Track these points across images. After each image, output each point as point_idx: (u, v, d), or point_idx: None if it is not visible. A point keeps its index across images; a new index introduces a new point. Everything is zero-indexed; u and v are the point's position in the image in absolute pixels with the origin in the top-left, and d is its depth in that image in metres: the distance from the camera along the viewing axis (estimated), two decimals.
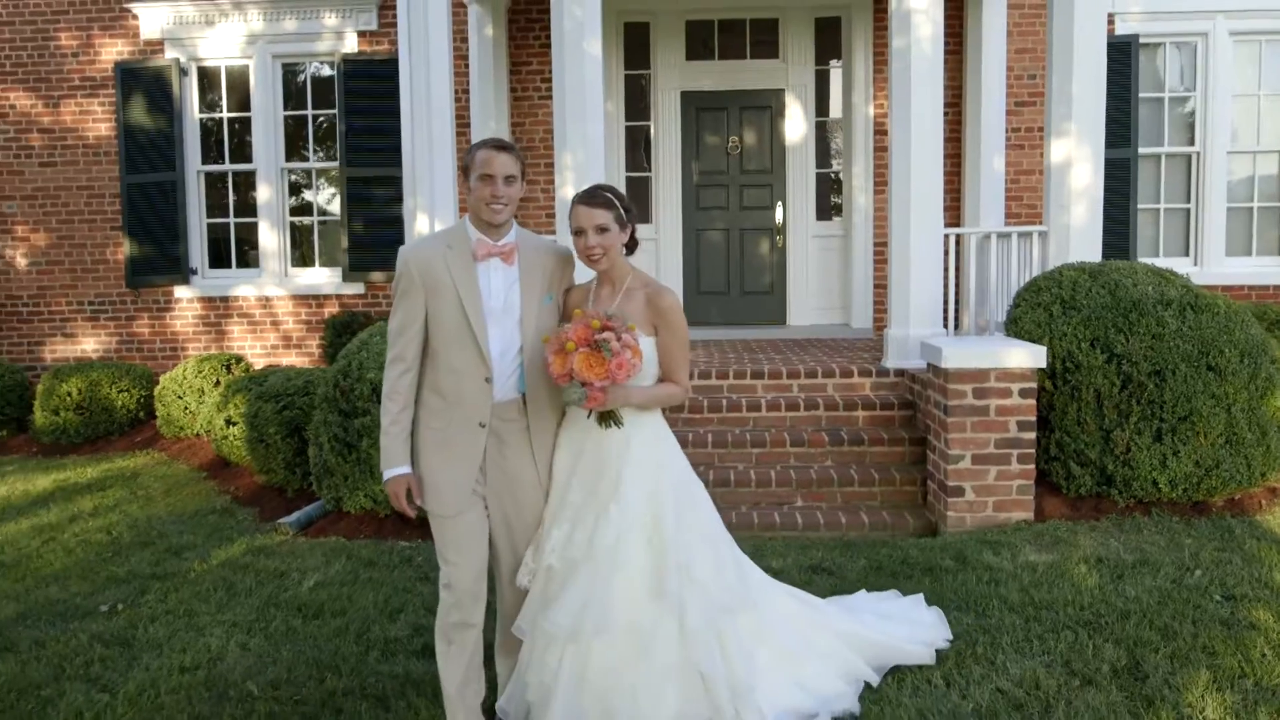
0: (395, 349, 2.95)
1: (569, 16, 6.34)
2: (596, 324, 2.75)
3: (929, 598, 3.97)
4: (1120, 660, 3.37)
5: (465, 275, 2.90)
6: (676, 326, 2.97)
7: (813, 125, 9.13)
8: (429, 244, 2.99)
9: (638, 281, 3.03)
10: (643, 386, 2.94)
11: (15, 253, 9.39)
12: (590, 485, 2.97)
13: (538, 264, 3.02)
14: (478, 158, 2.89)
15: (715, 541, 3.08)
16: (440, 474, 2.95)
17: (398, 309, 2.94)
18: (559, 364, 2.76)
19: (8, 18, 9.17)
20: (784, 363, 6.58)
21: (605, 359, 2.70)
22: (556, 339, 2.80)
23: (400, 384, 2.93)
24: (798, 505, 5.56)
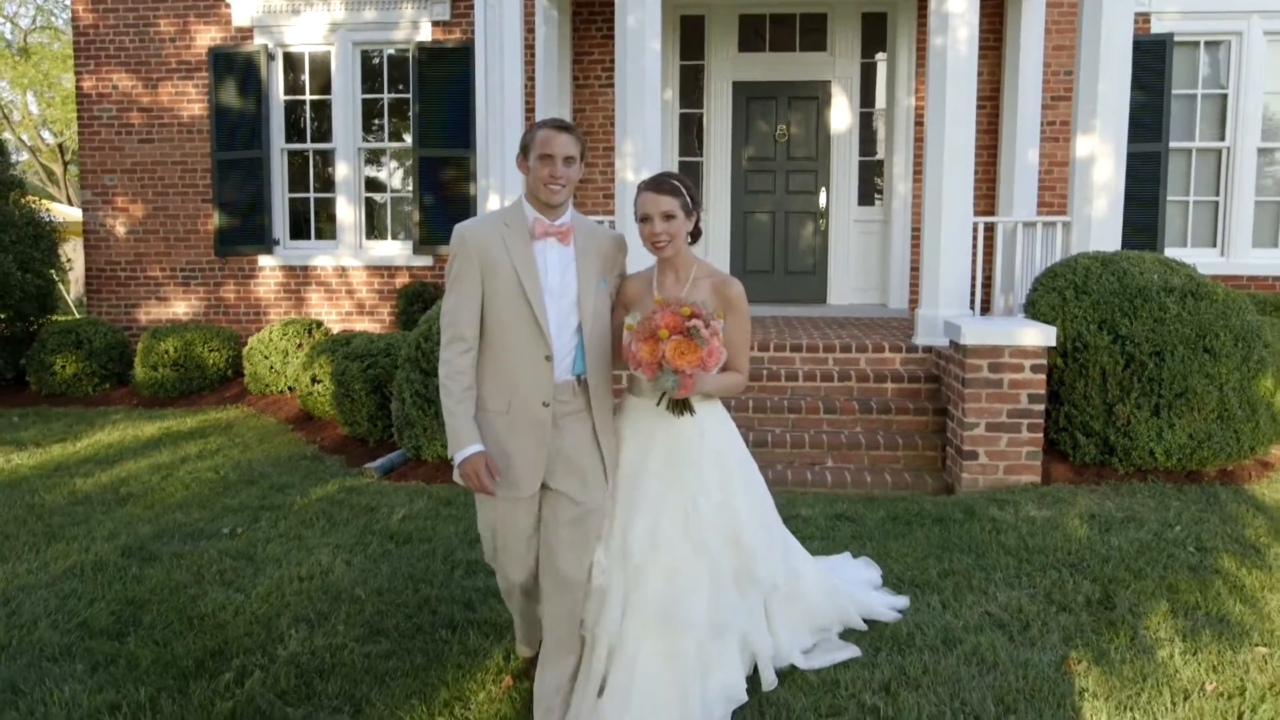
0: (453, 328, 2.91)
1: (631, 16, 6.92)
2: (687, 311, 2.74)
3: (936, 545, 4.58)
4: (1095, 594, 3.95)
5: (523, 253, 2.89)
6: (742, 315, 3.00)
7: (857, 115, 9.63)
8: (486, 222, 2.97)
9: (703, 270, 3.05)
10: (714, 375, 2.93)
11: (115, 222, 10.22)
12: (668, 477, 2.98)
13: (593, 247, 3.01)
14: (538, 137, 2.89)
15: (770, 524, 3.22)
16: (513, 454, 2.93)
17: (454, 287, 2.92)
18: (648, 351, 2.75)
19: (112, 5, 9.96)
20: (821, 338, 7.14)
21: (698, 346, 2.70)
22: (645, 326, 2.77)
23: (462, 363, 2.90)
24: (828, 465, 6.16)
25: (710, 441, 3.01)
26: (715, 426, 3.06)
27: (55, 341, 9.10)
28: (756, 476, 3.22)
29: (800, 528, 4.87)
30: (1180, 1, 8.95)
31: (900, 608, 3.83)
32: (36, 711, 3.18)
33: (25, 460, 6.79)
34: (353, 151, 9.95)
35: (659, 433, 3.00)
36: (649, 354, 2.75)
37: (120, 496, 5.82)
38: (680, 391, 2.80)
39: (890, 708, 3.09)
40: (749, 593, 3.08)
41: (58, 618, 3.95)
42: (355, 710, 3.16)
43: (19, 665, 3.53)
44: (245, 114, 9.90)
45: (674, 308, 2.75)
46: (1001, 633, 3.63)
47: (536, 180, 2.90)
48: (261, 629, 3.79)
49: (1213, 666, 3.31)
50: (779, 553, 3.20)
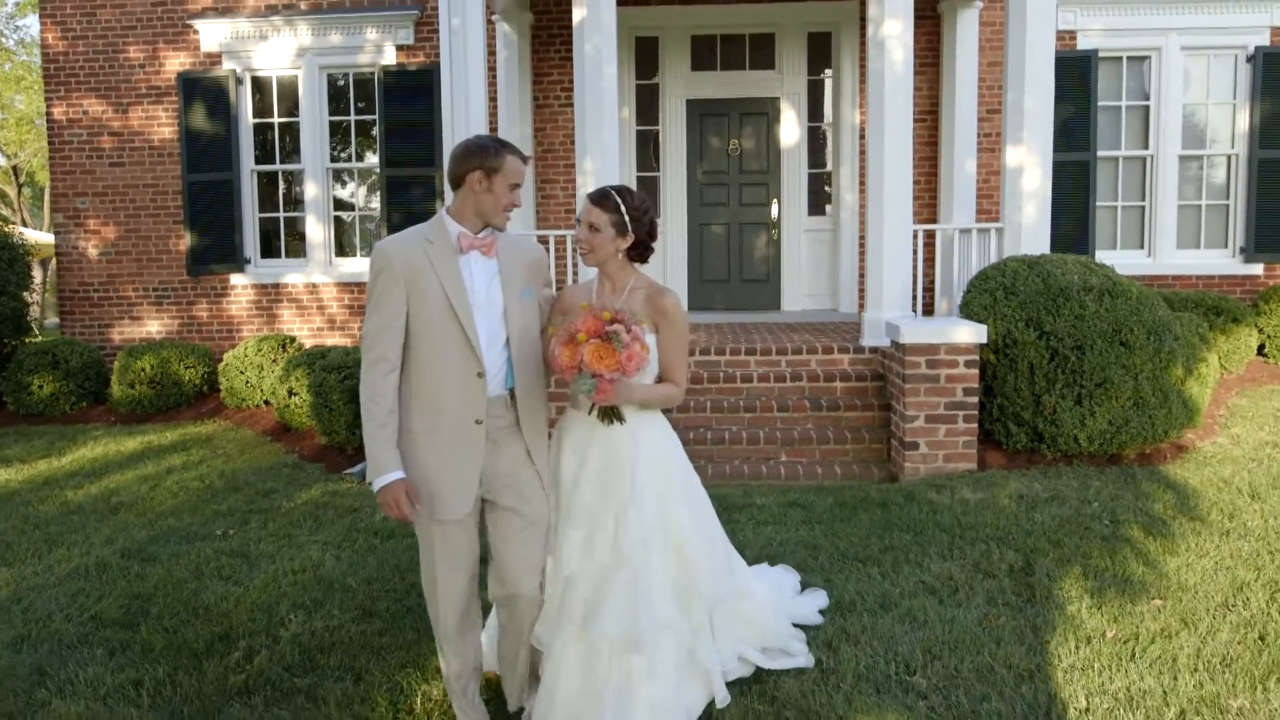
0: (376, 349, 2.87)
1: (589, 43, 7.35)
2: (608, 316, 2.77)
3: (879, 525, 5.02)
4: (1017, 563, 4.40)
5: (449, 268, 2.87)
6: (677, 326, 3.01)
7: (805, 129, 10.13)
8: (408, 238, 2.92)
9: (640, 282, 3.09)
10: (645, 384, 2.98)
11: (87, 244, 10.45)
12: (603, 486, 3.01)
13: (516, 258, 3.01)
14: (511, 165, 2.87)
15: (713, 537, 3.24)
16: (442, 475, 2.90)
17: (378, 307, 2.86)
18: (568, 355, 2.78)
19: (81, 32, 10.22)
20: (774, 341, 7.59)
21: (616, 350, 2.72)
22: (566, 330, 2.81)
23: (385, 385, 2.86)
24: (782, 460, 6.59)
25: (647, 452, 3.03)
26: (653, 437, 3.07)
27: (32, 362, 9.32)
28: (699, 490, 3.23)
29: (755, 514, 5.31)
30: (1103, 20, 9.55)
31: (822, 606, 3.95)
32: (65, 690, 3.51)
33: (13, 475, 7.04)
34: (321, 172, 10.27)
35: (595, 443, 3.03)
36: (568, 358, 2.77)
37: (112, 506, 6.11)
38: (598, 396, 2.81)
39: (832, 660, 3.50)
40: (693, 606, 3.06)
41: (70, 611, 4.27)
42: (356, 679, 3.52)
43: (41, 653, 3.85)
44: (215, 137, 10.19)
45: (596, 312, 2.79)
46: (933, 597, 4.06)
47: (497, 204, 2.88)
48: (263, 615, 4.14)
49: (1114, 617, 3.77)
50: (722, 565, 3.24)
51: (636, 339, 2.77)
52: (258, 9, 10.06)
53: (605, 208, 3.00)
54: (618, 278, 3.10)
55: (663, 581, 3.00)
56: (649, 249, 3.12)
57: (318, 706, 3.33)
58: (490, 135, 2.98)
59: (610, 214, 2.99)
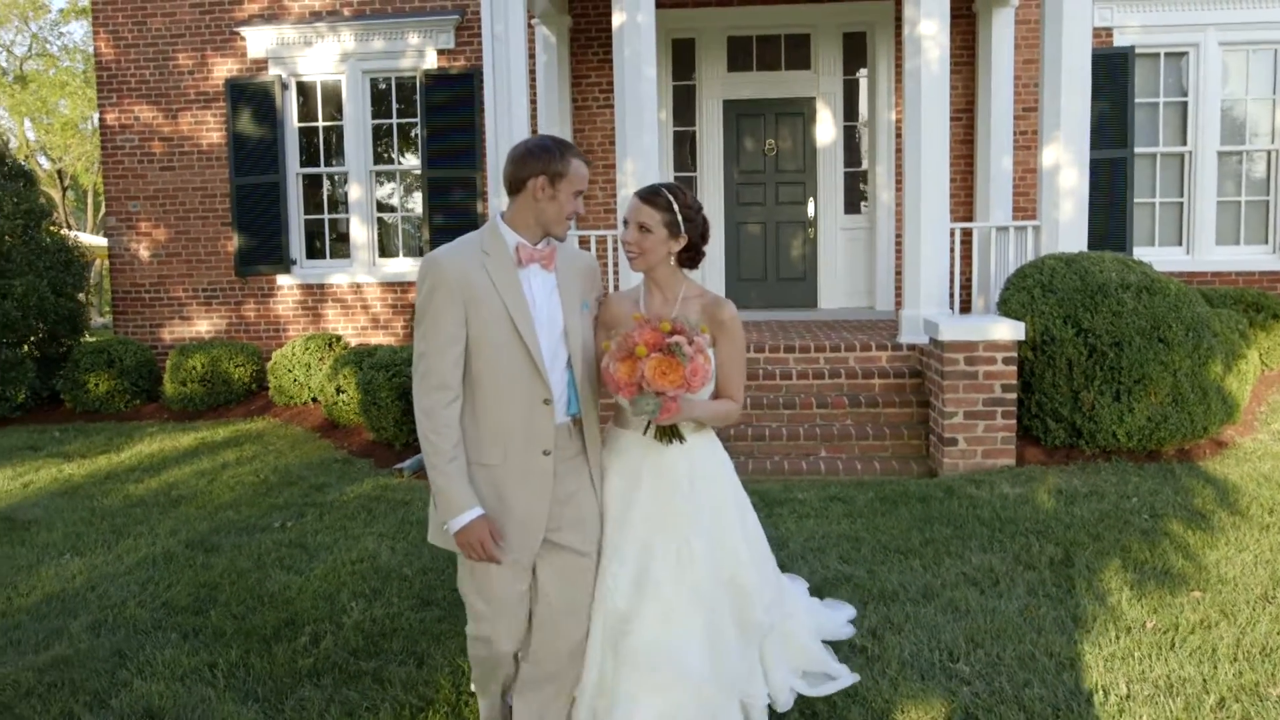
0: (435, 375, 2.60)
1: (628, 47, 7.48)
2: (667, 327, 2.54)
3: (919, 519, 5.12)
4: (1057, 555, 4.49)
5: (510, 282, 2.63)
6: (736, 338, 2.77)
7: (841, 129, 10.20)
8: (464, 249, 2.67)
9: (693, 291, 2.84)
10: (704, 401, 2.74)
11: (139, 246, 10.75)
12: (657, 516, 2.78)
13: (572, 270, 2.79)
14: (575, 170, 2.66)
15: (764, 561, 3.00)
16: (513, 511, 2.66)
17: (433, 327, 2.60)
18: (626, 371, 2.54)
19: (133, 40, 10.51)
20: (813, 339, 7.69)
21: (680, 365, 2.49)
22: (622, 344, 2.56)
23: (449, 415, 2.60)
24: (821, 456, 6.70)
25: (703, 475, 2.81)
26: (707, 458, 2.86)
27: (88, 361, 9.61)
28: (750, 511, 3.01)
29: (797, 508, 5.42)
30: (1140, 16, 9.55)
31: (851, 618, 3.80)
32: (145, 671, 3.69)
33: (76, 470, 7.30)
34: (364, 174, 10.49)
35: (646, 467, 2.79)
36: (627, 374, 2.53)
37: (172, 499, 6.33)
38: (662, 416, 2.56)
39: (877, 647, 3.62)
40: (749, 638, 2.87)
41: (143, 599, 4.47)
42: (419, 662, 3.68)
43: (119, 636, 4.05)
44: (262, 141, 10.44)
45: (654, 323, 2.55)
46: (974, 588, 4.16)
47: (560, 212, 2.66)
48: (325, 603, 4.31)
49: (1154, 609, 3.86)
50: (774, 592, 2.99)
51: (700, 350, 2.52)
52: (303, 16, 10.29)
53: (656, 205, 2.75)
54: (668, 285, 2.84)
55: (726, 615, 2.79)
56: (700, 253, 2.86)
57: (384, 688, 3.49)
58: (549, 136, 2.71)
59: (662, 213, 2.74)
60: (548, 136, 2.73)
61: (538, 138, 2.71)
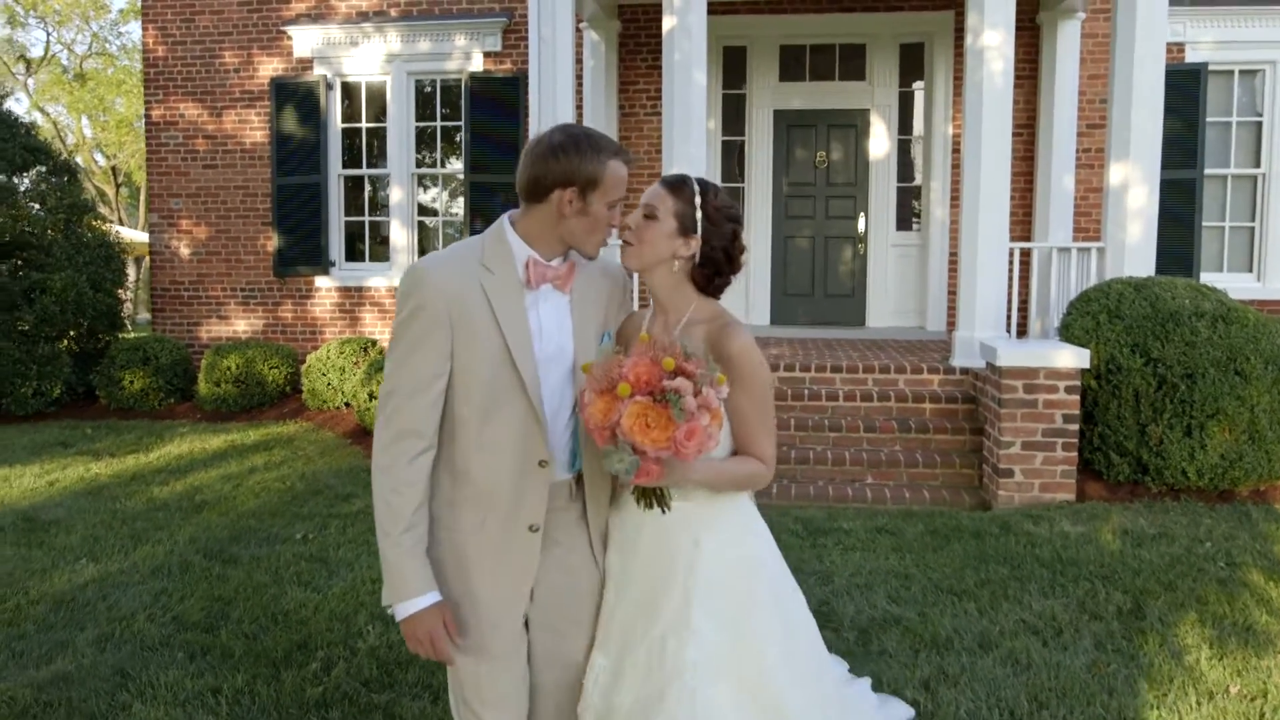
0: (404, 419, 2.03)
1: (678, 50, 7.24)
2: (671, 364, 1.88)
3: (973, 556, 4.79)
4: (1126, 604, 4.15)
5: (512, 310, 2.07)
6: (750, 379, 2.10)
7: (895, 142, 9.88)
8: (459, 261, 2.09)
9: (703, 313, 2.21)
10: (712, 461, 2.07)
11: (179, 244, 10.69)
12: (644, 600, 2.16)
13: (592, 288, 2.21)
14: (613, 173, 2.06)
15: (813, 675, 2.23)
16: (482, 596, 2.10)
17: (410, 358, 2.04)
18: (601, 411, 1.90)
19: (180, 38, 10.46)
20: (861, 359, 7.37)
21: (672, 420, 1.85)
22: (605, 372, 1.93)
23: (413, 472, 2.02)
24: (868, 482, 6.38)
25: (711, 561, 2.12)
26: (724, 540, 2.15)
27: (124, 358, 9.53)
28: (799, 608, 2.26)
29: (842, 539, 5.12)
30: (1214, 32, 9.13)
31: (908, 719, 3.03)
32: (145, 694, 3.49)
33: (103, 470, 7.17)
34: (406, 177, 10.34)
35: (645, 534, 2.18)
36: (601, 414, 1.90)
37: (195, 504, 6.17)
38: (638, 478, 1.92)
39: (930, 703, 3.31)
40: None
41: (153, 611, 4.28)
42: (434, 697, 3.44)
43: (124, 653, 3.85)
44: (304, 141, 10.34)
45: (657, 352, 1.91)
46: (1035, 638, 3.84)
47: (594, 227, 2.09)
48: (341, 625, 4.09)
49: (1238, 671, 3.51)
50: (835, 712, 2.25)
51: (706, 407, 1.88)
52: (349, 16, 10.18)
53: (675, 192, 2.18)
54: (670, 302, 2.23)
55: None
56: (723, 276, 2.22)
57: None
58: (579, 128, 2.11)
59: (678, 201, 2.17)
60: (576, 128, 2.10)
61: (564, 129, 2.08)
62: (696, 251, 2.17)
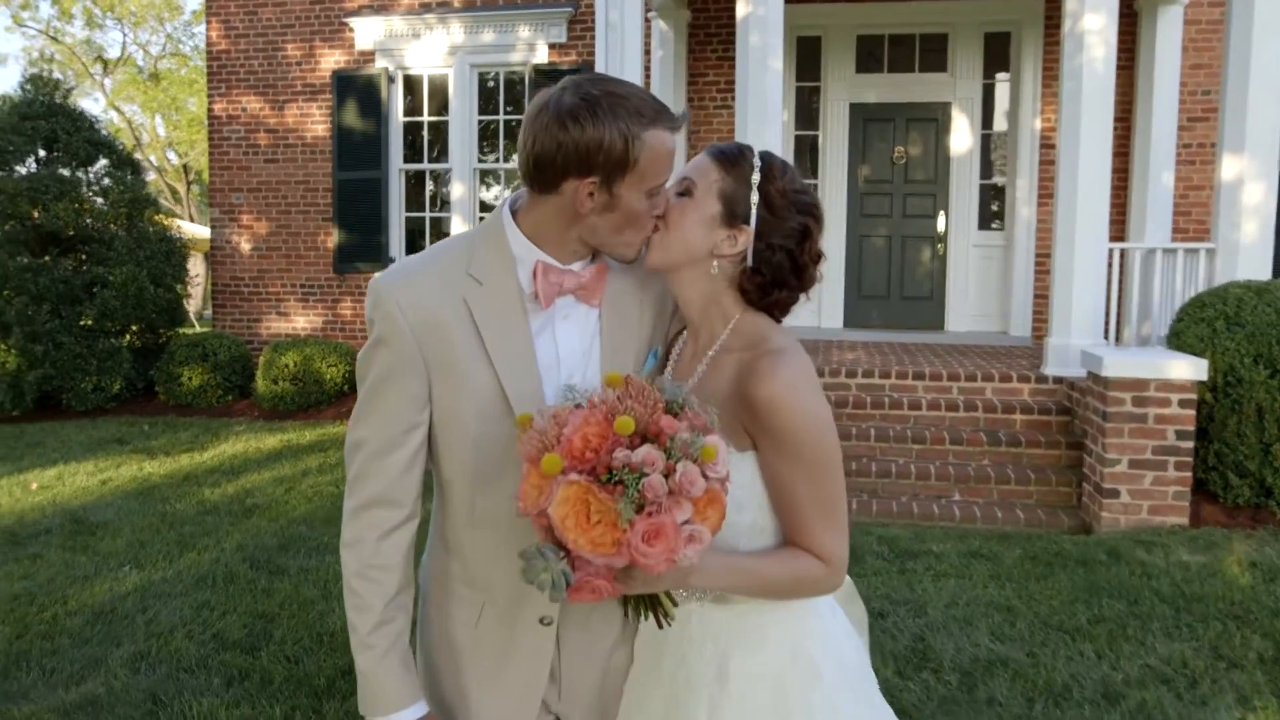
0: (374, 481, 1.52)
1: (753, 35, 6.85)
2: (628, 425, 1.25)
3: (1082, 588, 4.32)
4: (1268, 651, 3.66)
5: (510, 334, 1.53)
6: (793, 438, 1.45)
7: (978, 137, 9.36)
8: (431, 272, 1.55)
9: (741, 336, 1.57)
10: (734, 555, 1.48)
11: (240, 239, 10.56)
12: None
13: (630, 291, 1.64)
14: (653, 147, 1.44)
15: None
16: (479, 708, 1.62)
17: (374, 401, 1.53)
18: (533, 487, 1.29)
19: (243, 31, 10.33)
20: (944, 365, 6.91)
21: (613, 521, 1.23)
22: (540, 431, 1.31)
23: (388, 551, 1.53)
24: (955, 499, 5.92)
25: (740, 698, 1.52)
26: (767, 655, 1.54)
27: (183, 354, 9.41)
28: None
29: (933, 563, 4.68)
30: None
31: None
32: None
33: (156, 469, 7.00)
34: (469, 172, 10.08)
35: (668, 649, 1.59)
36: (534, 492, 1.29)
37: (246, 508, 5.93)
38: (571, 595, 1.30)
39: None
40: None
41: (193, 628, 4.01)
42: None
43: (158, 675, 3.58)
44: (366, 135, 10.13)
45: (614, 403, 1.29)
46: (1167, 688, 3.38)
47: (626, 224, 1.51)
48: None
49: None
50: None
51: (682, 497, 1.24)
52: (412, 6, 9.95)
53: (726, 165, 1.55)
54: (703, 318, 1.60)
55: None
56: (783, 287, 1.56)
57: None
58: (603, 80, 1.47)
59: (729, 179, 1.54)
60: (597, 83, 1.46)
61: (577, 86, 1.44)
62: (747, 250, 1.54)
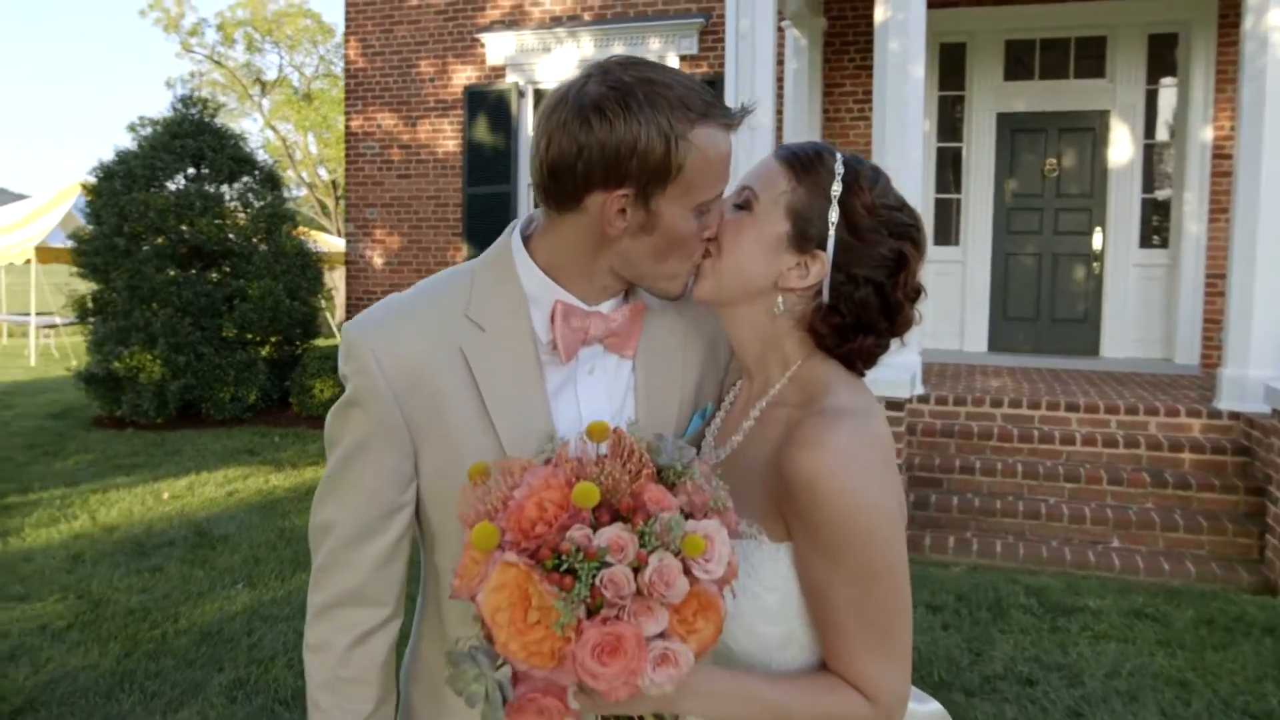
0: (345, 573, 1.24)
1: (894, 41, 6.44)
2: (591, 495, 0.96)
3: (1271, 663, 3.76)
4: None
5: (519, 392, 1.22)
6: (829, 529, 1.10)
7: (1140, 147, 8.65)
8: (420, 314, 1.24)
9: (797, 389, 1.23)
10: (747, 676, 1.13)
11: (373, 253, 10.72)
12: None
13: (673, 336, 1.33)
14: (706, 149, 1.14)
15: None
16: None
17: (345, 474, 1.23)
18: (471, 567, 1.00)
19: (380, 49, 10.50)
20: (1100, 396, 6.32)
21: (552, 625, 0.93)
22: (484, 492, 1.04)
23: (361, 661, 1.25)
24: (1114, 546, 5.36)
25: None
26: None
27: (315, 366, 9.57)
28: None
29: (1090, 622, 4.19)
30: None
31: None
32: None
33: (281, 482, 7.06)
34: None
35: None
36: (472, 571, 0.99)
37: None
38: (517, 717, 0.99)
39: None
40: None
41: (293, 656, 3.89)
42: None
43: (254, 707, 3.46)
44: (496, 150, 10.14)
45: (585, 463, 1.02)
46: None
47: (665, 248, 1.19)
48: None
49: None
50: None
51: (657, 597, 0.94)
52: (543, 21, 9.91)
53: (799, 172, 1.22)
54: (760, 363, 1.27)
55: None
56: (868, 331, 1.23)
57: None
58: (639, 65, 1.17)
59: (801, 189, 1.21)
60: (632, 68, 1.15)
61: (604, 74, 1.15)
62: (824, 283, 1.20)
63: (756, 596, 1.14)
